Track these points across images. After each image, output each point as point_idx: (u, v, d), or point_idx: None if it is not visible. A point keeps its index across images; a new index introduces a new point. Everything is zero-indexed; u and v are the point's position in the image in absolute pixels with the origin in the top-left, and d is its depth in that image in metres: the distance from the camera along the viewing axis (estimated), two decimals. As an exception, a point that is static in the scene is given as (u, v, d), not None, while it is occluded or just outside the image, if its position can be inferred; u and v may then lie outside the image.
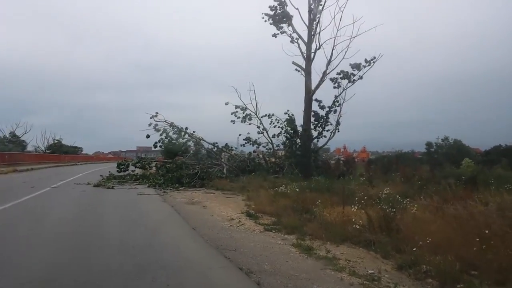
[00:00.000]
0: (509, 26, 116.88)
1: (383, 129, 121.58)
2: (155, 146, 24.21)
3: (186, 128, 24.09)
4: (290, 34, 26.36)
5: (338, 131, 25.89)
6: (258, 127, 27.56)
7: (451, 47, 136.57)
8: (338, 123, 25.63)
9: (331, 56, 24.07)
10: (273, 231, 8.36)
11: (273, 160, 25.61)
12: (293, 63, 25.97)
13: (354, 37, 23.61)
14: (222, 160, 24.44)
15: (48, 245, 6.86)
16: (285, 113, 27.92)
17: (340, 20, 23.97)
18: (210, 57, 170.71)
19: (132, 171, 25.47)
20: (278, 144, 28.29)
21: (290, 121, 25.26)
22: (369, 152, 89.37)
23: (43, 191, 15.92)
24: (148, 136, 22.96)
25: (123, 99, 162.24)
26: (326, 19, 24.68)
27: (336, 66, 24.80)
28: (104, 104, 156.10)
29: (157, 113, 23.04)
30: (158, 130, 23.00)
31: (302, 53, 25.72)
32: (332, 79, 24.55)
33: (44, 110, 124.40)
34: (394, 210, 7.37)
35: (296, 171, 23.47)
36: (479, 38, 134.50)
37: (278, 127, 28.16)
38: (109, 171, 24.46)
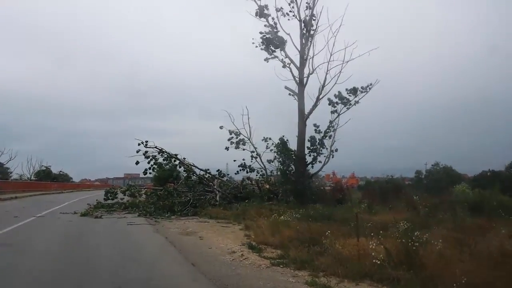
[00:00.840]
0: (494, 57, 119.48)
1: (369, 155, 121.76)
2: (145, 173, 23.36)
3: (176, 155, 23.36)
4: (282, 59, 26.10)
5: (333, 157, 25.42)
6: (252, 152, 27.03)
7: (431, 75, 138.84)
8: (333, 149, 25.19)
9: (324, 81, 23.84)
10: (281, 266, 7.60)
11: (267, 186, 24.89)
12: (286, 87, 25.64)
13: (347, 61, 23.49)
14: (215, 186, 23.66)
15: (30, 285, 6.04)
16: (280, 139, 27.58)
17: (333, 45, 23.75)
18: (197, 83, 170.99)
19: (121, 199, 24.52)
20: (272, 170, 27.72)
21: (283, 145, 24.72)
22: (358, 178, 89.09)
23: (27, 221, 14.96)
24: (137, 163, 22.16)
25: (110, 125, 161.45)
26: (318, 43, 24.80)
27: (329, 91, 24.54)
28: (90, 130, 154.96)
29: (147, 141, 22.27)
30: (148, 157, 22.21)
31: (294, 77, 25.41)
32: (330, 102, 24.15)
33: (28, 137, 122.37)
34: (415, 243, 6.70)
35: (291, 198, 22.79)
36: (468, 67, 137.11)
37: (274, 151, 27.79)
38: (97, 200, 23.47)
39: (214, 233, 12.26)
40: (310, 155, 25.06)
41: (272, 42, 25.41)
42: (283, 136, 25.98)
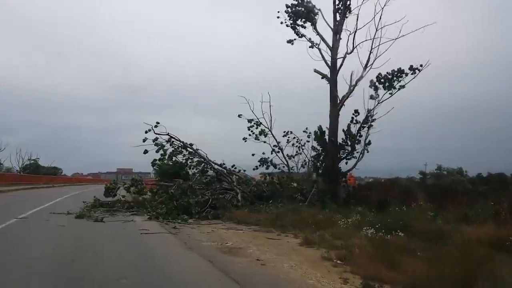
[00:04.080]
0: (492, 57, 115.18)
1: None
2: (153, 165, 19.75)
3: (191, 144, 19.66)
4: (310, 39, 22.55)
5: (368, 152, 21.86)
6: (275, 146, 23.48)
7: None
8: (367, 142, 21.64)
9: (368, 61, 20.19)
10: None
11: (295, 185, 21.28)
12: (315, 71, 22.09)
13: (396, 39, 19.84)
14: (234, 183, 19.98)
15: None
16: (304, 131, 24.11)
17: (380, 18, 20.07)
18: (193, 79, 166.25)
19: (123, 196, 20.81)
20: (292, 167, 24.22)
21: (321, 135, 21.11)
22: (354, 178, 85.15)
23: (2, 226, 11.22)
24: (146, 152, 18.46)
25: (102, 120, 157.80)
26: (352, 20, 21.69)
27: (365, 75, 20.99)
28: (83, 125, 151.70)
29: (157, 123, 18.57)
30: (158, 145, 18.53)
31: (325, 59, 21.85)
32: (372, 84, 20.54)
33: (20, 130, 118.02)
34: None
35: (326, 198, 19.20)
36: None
37: (296, 146, 24.32)
38: (94, 196, 19.71)
39: (269, 250, 8.58)
40: (344, 149, 21.56)
41: (300, 15, 21.78)
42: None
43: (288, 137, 23.97)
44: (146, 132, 18.72)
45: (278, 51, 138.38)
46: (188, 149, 19.37)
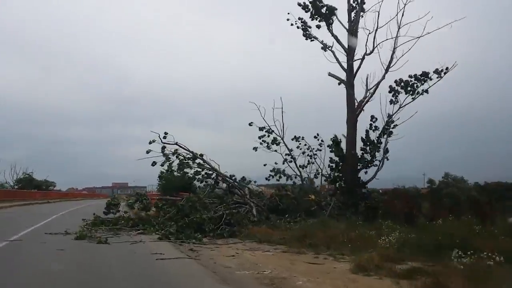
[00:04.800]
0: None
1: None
2: (161, 177, 18.12)
3: (202, 155, 18.01)
4: (322, 41, 21.12)
5: (387, 159, 20.31)
6: (287, 154, 21.89)
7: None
8: (386, 150, 20.10)
9: (390, 62, 18.71)
10: None
11: (313, 197, 19.64)
12: (330, 74, 20.62)
13: (420, 36, 18.38)
14: (247, 197, 18.32)
15: None
16: (315, 137, 22.58)
17: (403, 15, 18.63)
18: (186, 91, 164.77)
19: (125, 212, 19.10)
20: (305, 177, 22.63)
21: (337, 145, 19.54)
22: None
23: (-8, 251, 9.54)
24: (154, 164, 16.84)
25: (97, 134, 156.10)
26: (368, 18, 20.53)
27: (385, 76, 19.52)
28: (77, 139, 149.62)
29: (166, 134, 16.95)
30: (166, 156, 16.92)
31: (339, 62, 20.39)
32: (391, 89, 19.07)
33: (13, 144, 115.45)
34: None
35: (350, 211, 17.58)
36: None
37: (307, 154, 22.76)
38: (94, 213, 17.96)
39: (322, 282, 6.93)
40: (364, 158, 20.00)
41: (320, 14, 20.33)
42: (317, 134, 21.26)
43: (299, 143, 22.41)
44: (150, 143, 17.11)
45: (275, 60, 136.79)
46: (199, 160, 17.71)
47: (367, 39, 19.30)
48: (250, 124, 21.65)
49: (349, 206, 18.27)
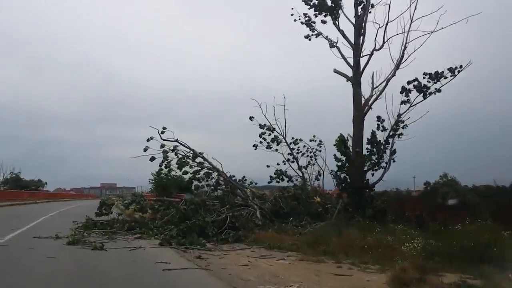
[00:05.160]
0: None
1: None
2: (158, 175, 17.11)
3: (202, 153, 16.93)
4: (327, 37, 20.22)
5: (394, 161, 19.40)
6: (290, 154, 21.02)
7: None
8: (393, 151, 19.19)
9: (401, 57, 17.79)
10: None
11: (318, 199, 18.64)
12: (335, 71, 19.71)
13: (432, 32, 17.45)
14: (250, 199, 17.27)
15: None
16: (311, 140, 21.81)
17: (415, 9, 17.69)
18: (172, 91, 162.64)
19: (119, 214, 17.97)
20: (306, 178, 21.73)
21: (343, 144, 18.56)
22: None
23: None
24: (153, 159, 15.76)
25: (84, 134, 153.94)
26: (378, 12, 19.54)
27: (389, 78, 18.59)
28: (65, 139, 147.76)
29: (164, 129, 15.87)
30: (165, 153, 15.84)
31: (345, 59, 19.47)
32: (403, 89, 18.14)
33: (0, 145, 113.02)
34: None
35: (358, 215, 16.62)
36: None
37: (307, 156, 21.92)
38: (87, 216, 16.77)
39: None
40: (371, 159, 19.05)
41: (322, 7, 19.41)
42: (314, 136, 20.76)
43: (298, 145, 21.55)
44: (148, 140, 15.99)
45: (265, 62, 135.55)
46: (199, 158, 16.63)
47: (376, 34, 18.37)
48: (250, 119, 20.62)
49: (357, 208, 17.35)
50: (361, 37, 19.39)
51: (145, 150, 16.12)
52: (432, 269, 8.05)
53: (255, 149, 21.08)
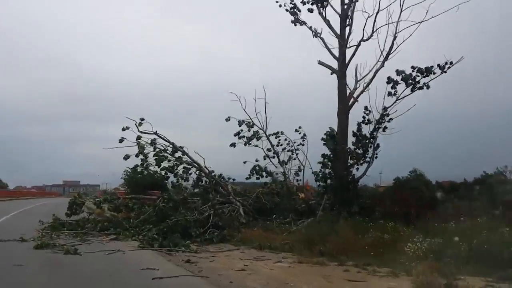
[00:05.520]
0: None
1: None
2: (135, 170, 15.94)
3: (182, 147, 15.80)
4: (311, 27, 19.38)
5: (377, 157, 18.85)
6: (269, 150, 19.99)
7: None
8: (376, 146, 18.63)
9: (390, 48, 17.15)
10: None
11: (302, 195, 17.86)
12: (320, 62, 18.90)
13: (422, 21, 16.85)
14: (232, 195, 16.29)
15: None
16: (297, 130, 20.86)
17: (404, -1, 17.03)
18: (140, 88, 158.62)
19: (89, 213, 16.64)
20: (286, 174, 20.86)
21: (332, 139, 17.78)
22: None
23: None
24: (127, 157, 14.53)
25: (47, 131, 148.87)
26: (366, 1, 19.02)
27: (377, 69, 18.00)
28: (26, 136, 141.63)
29: (142, 120, 14.66)
30: (142, 147, 14.63)
31: (329, 50, 18.63)
32: (390, 80, 17.51)
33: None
34: None
35: (345, 211, 15.95)
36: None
37: (288, 150, 20.98)
38: (54, 215, 15.35)
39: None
40: (356, 154, 18.42)
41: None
42: (299, 127, 19.88)
43: (279, 139, 20.51)
44: (123, 129, 14.78)
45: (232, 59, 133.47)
46: (179, 153, 15.51)
47: (365, 23, 17.62)
48: (227, 120, 19.45)
49: (343, 205, 16.68)
50: (348, 28, 18.66)
51: (120, 141, 14.91)
52: (448, 272, 7.39)
53: (233, 148, 20.01)
